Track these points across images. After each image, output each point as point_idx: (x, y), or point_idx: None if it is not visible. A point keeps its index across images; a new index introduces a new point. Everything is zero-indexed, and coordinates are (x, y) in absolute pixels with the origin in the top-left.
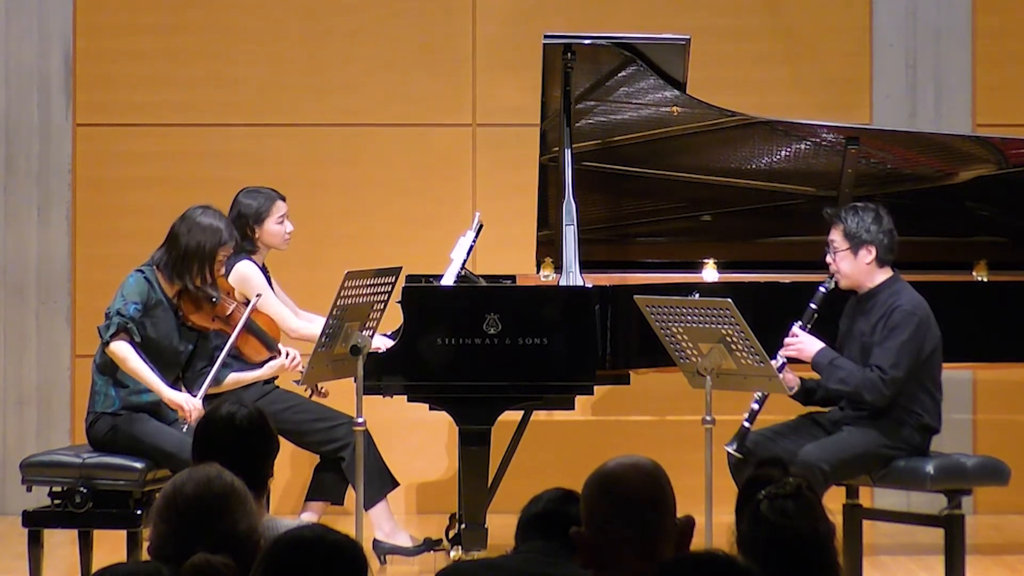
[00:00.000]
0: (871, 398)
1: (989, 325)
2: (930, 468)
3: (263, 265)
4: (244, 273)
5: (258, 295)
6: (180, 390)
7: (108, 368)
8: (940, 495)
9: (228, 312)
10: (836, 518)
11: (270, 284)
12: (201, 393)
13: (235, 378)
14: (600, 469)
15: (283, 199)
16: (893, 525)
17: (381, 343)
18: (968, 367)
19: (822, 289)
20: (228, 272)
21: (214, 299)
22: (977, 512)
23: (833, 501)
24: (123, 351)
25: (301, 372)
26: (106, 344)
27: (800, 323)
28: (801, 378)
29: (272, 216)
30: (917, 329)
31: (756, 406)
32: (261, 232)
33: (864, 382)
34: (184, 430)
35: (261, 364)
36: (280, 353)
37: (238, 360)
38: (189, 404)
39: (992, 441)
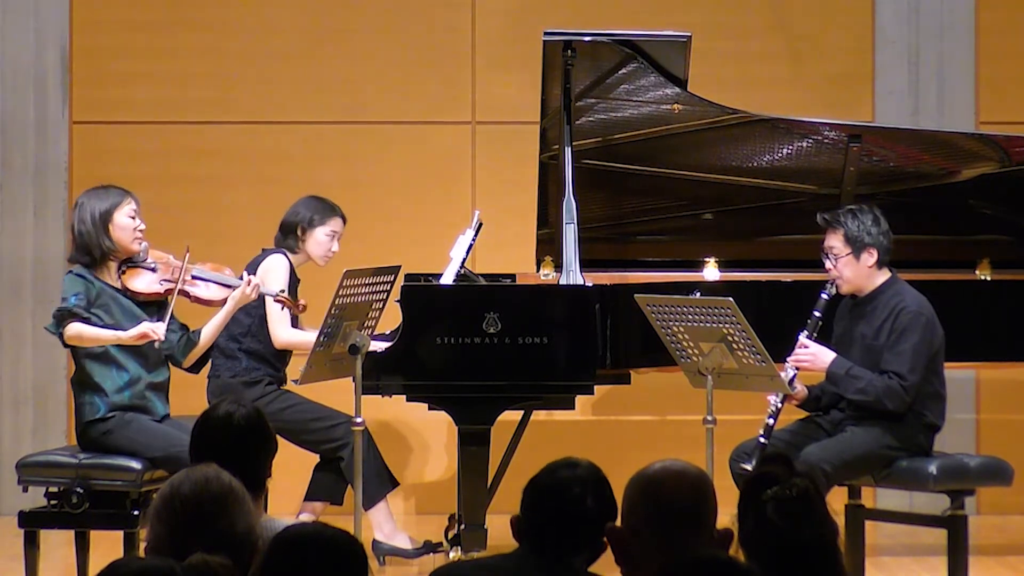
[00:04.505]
0: (893, 406)
1: (993, 324)
2: (933, 468)
3: (294, 271)
4: (269, 265)
5: (187, 248)
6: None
7: (85, 381)
8: (943, 495)
9: (171, 272)
10: (839, 519)
11: (294, 291)
12: (166, 320)
13: (208, 332)
14: (646, 470)
15: (343, 218)
16: (896, 526)
17: (376, 345)
18: (971, 367)
19: (824, 296)
20: (260, 261)
21: (153, 267)
22: (980, 513)
23: (836, 501)
24: (74, 330)
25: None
26: (61, 337)
27: (806, 332)
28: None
29: (325, 226)
30: (925, 329)
31: (771, 421)
32: (308, 237)
33: (885, 391)
34: (156, 346)
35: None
36: (238, 285)
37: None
38: (148, 328)
39: (995, 441)
